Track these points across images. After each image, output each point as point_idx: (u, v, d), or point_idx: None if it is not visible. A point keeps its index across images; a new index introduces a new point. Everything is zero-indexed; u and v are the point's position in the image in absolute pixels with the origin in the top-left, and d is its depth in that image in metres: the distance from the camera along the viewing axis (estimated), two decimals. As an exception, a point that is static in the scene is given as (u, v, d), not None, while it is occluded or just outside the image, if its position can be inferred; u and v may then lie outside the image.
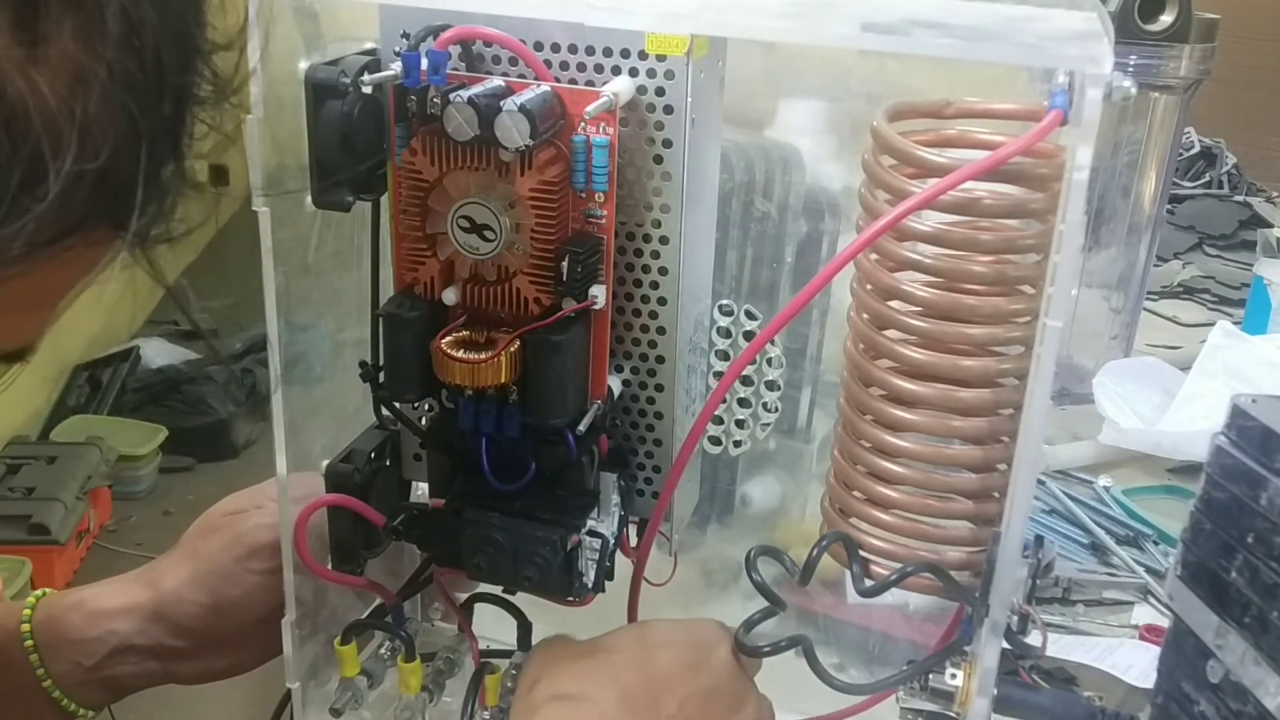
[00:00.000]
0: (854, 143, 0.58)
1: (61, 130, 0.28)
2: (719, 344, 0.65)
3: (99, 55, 0.29)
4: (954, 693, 0.53)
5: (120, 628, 0.61)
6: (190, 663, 0.62)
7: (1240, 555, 0.58)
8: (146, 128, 0.31)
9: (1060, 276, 0.43)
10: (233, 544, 0.61)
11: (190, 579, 0.61)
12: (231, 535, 0.62)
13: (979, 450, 0.53)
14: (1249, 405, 0.60)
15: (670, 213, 0.51)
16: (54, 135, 0.28)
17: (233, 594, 0.61)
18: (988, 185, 0.49)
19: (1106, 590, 0.96)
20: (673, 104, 0.48)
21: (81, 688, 0.61)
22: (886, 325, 0.54)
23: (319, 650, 0.62)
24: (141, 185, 0.31)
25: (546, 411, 0.50)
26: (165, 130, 0.32)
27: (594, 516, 0.54)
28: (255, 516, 0.62)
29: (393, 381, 0.53)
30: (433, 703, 0.61)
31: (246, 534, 0.62)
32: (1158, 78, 1.20)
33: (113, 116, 0.30)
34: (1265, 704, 0.56)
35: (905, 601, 0.70)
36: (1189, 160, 2.03)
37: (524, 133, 0.45)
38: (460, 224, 0.48)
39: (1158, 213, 1.29)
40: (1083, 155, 0.41)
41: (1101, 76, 0.40)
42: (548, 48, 0.49)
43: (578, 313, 0.49)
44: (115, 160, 0.30)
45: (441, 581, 0.61)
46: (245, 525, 0.62)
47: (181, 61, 0.32)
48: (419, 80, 0.47)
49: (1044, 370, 0.44)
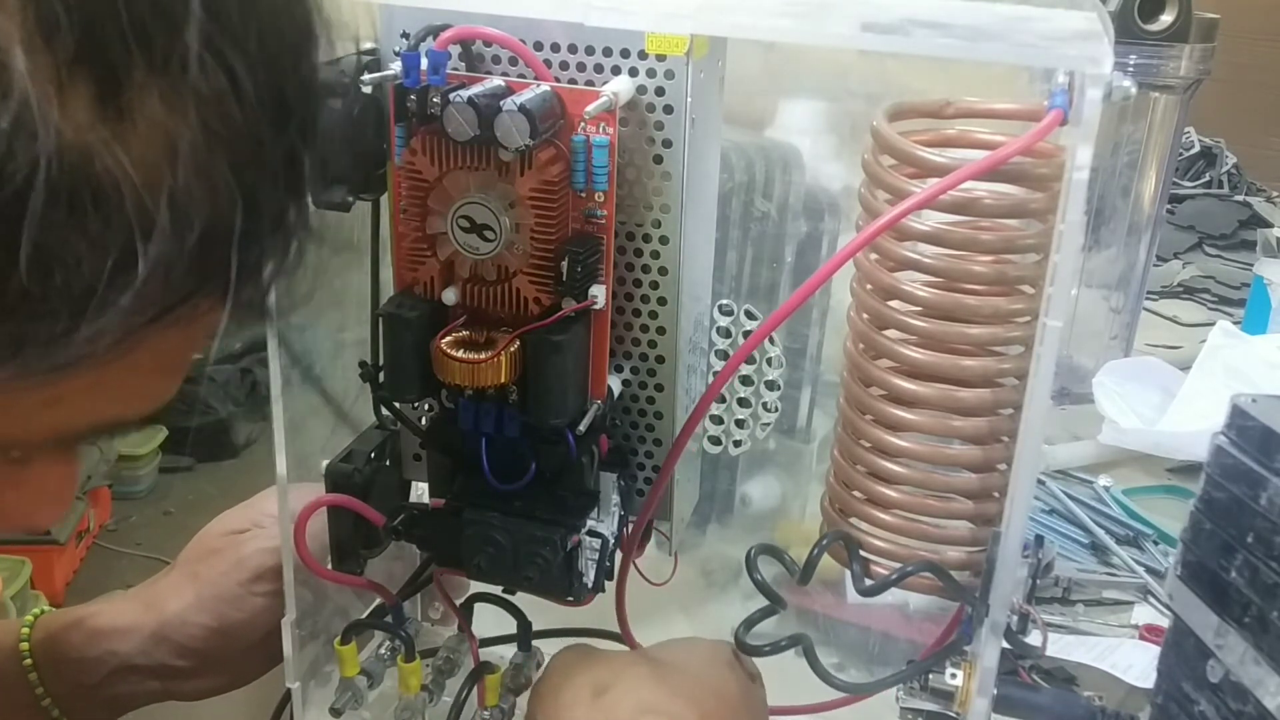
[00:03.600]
0: (854, 143, 0.58)
1: (151, 206, 0.27)
2: (719, 344, 0.65)
3: (190, 118, 0.27)
4: (954, 692, 0.53)
5: (121, 648, 0.61)
6: (192, 682, 0.62)
7: (1240, 555, 0.58)
8: (251, 183, 0.29)
9: (1060, 276, 0.43)
10: (236, 567, 0.62)
11: (194, 603, 0.61)
12: (234, 559, 0.62)
13: (979, 450, 0.53)
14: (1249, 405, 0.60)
15: (670, 213, 0.50)
16: (143, 214, 0.27)
17: (237, 617, 0.61)
18: (988, 185, 0.50)
19: (1106, 590, 0.96)
20: (673, 104, 0.48)
21: (81, 707, 0.61)
22: (886, 325, 0.54)
23: (319, 650, 0.62)
24: (248, 247, 0.30)
25: (546, 411, 0.50)
26: (276, 179, 0.31)
27: (594, 516, 0.54)
28: (257, 539, 0.62)
29: (393, 381, 0.53)
30: (433, 703, 0.61)
31: (250, 558, 0.62)
32: (1158, 78, 1.20)
33: (210, 181, 0.28)
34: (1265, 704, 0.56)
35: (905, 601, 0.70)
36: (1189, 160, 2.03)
37: (524, 133, 0.45)
38: (460, 224, 0.48)
39: (1158, 213, 1.28)
40: (1083, 155, 0.41)
41: (1101, 76, 0.40)
42: (548, 48, 0.49)
43: (578, 313, 0.49)
44: (215, 228, 0.29)
45: (441, 581, 0.61)
46: (247, 549, 0.62)
47: (291, 98, 0.31)
48: (419, 80, 0.47)
49: (1044, 370, 0.44)
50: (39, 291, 0.26)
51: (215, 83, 0.28)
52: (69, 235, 0.26)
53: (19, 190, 0.25)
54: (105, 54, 0.26)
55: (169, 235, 0.27)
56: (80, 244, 0.26)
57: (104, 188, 0.26)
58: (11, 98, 0.24)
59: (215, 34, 0.27)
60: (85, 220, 0.26)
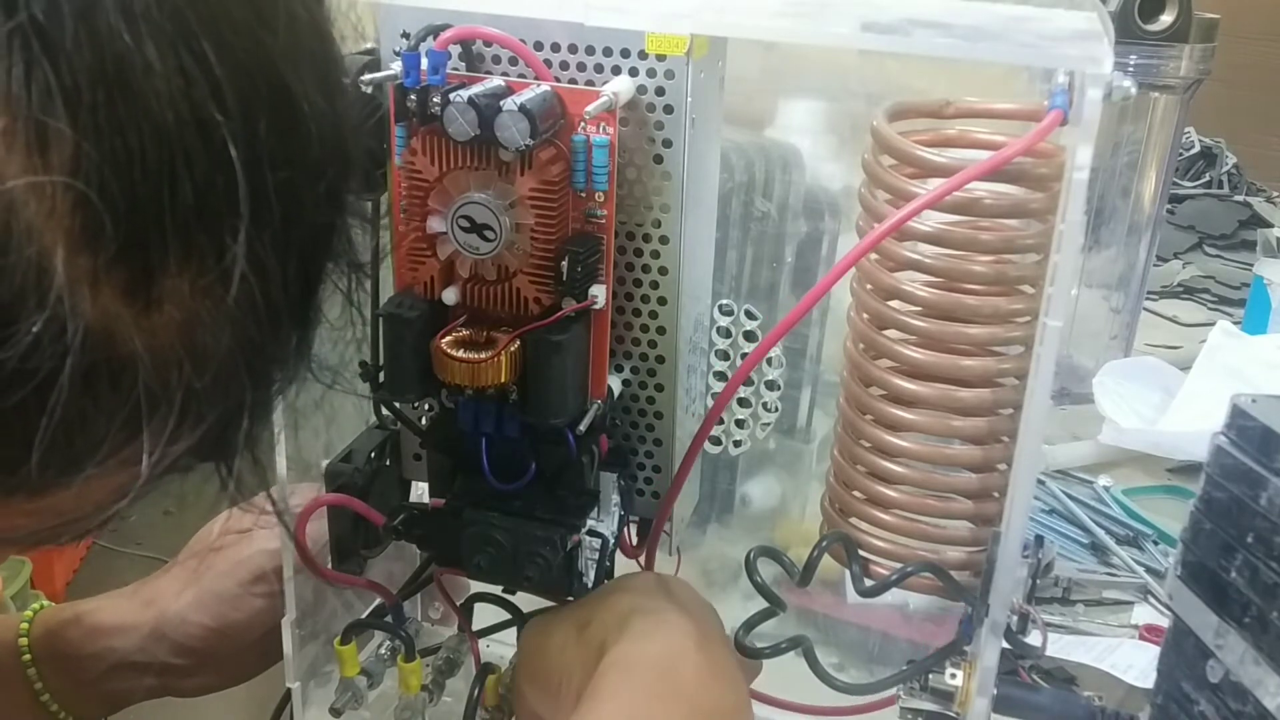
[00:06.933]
0: (854, 143, 0.58)
1: (166, 384, 0.27)
2: (719, 344, 0.65)
3: (220, 309, 0.28)
4: (954, 693, 0.53)
5: (119, 645, 0.61)
6: (190, 679, 0.62)
7: (1240, 555, 0.58)
8: (268, 360, 0.30)
9: (1060, 276, 0.43)
10: (237, 568, 0.62)
11: (194, 601, 0.61)
12: (235, 559, 0.62)
13: (979, 450, 0.53)
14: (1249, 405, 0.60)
15: (670, 212, 0.51)
16: (156, 391, 0.27)
17: (237, 617, 0.61)
18: (988, 185, 0.49)
19: (1106, 590, 0.96)
20: (673, 104, 0.48)
21: (79, 702, 0.61)
22: (886, 325, 0.54)
23: (319, 650, 0.62)
24: (256, 413, 0.31)
25: (546, 411, 0.50)
26: (291, 346, 0.32)
27: (594, 516, 0.54)
28: (258, 540, 0.62)
29: (393, 381, 0.53)
30: (433, 703, 0.61)
31: (250, 559, 0.62)
32: (1158, 78, 1.20)
33: (228, 362, 0.29)
34: (1265, 704, 0.56)
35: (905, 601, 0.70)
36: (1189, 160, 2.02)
37: (524, 132, 0.45)
38: (460, 224, 0.48)
39: (1158, 213, 1.28)
40: (1083, 155, 0.41)
41: (1101, 76, 0.40)
42: (548, 47, 0.49)
43: (578, 312, 0.49)
44: (226, 410, 0.29)
45: (441, 581, 0.61)
46: (248, 550, 0.62)
47: (317, 277, 0.31)
48: (419, 80, 0.47)
49: (1044, 370, 0.44)
50: (47, 451, 0.26)
51: (248, 280, 0.28)
52: (83, 407, 0.26)
53: (44, 381, 0.25)
54: (145, 253, 0.26)
55: (179, 411, 0.28)
56: (92, 413, 0.27)
57: (122, 366, 0.27)
58: (47, 305, 0.25)
59: (256, 238, 0.28)
60: (99, 396, 0.27)
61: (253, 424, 0.31)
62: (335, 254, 0.32)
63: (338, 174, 0.31)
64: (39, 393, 0.25)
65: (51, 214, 0.25)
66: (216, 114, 0.26)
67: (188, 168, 0.26)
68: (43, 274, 0.25)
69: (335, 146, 0.31)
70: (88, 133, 0.25)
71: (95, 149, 0.25)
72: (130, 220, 0.26)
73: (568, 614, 0.53)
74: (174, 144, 0.26)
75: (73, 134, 0.24)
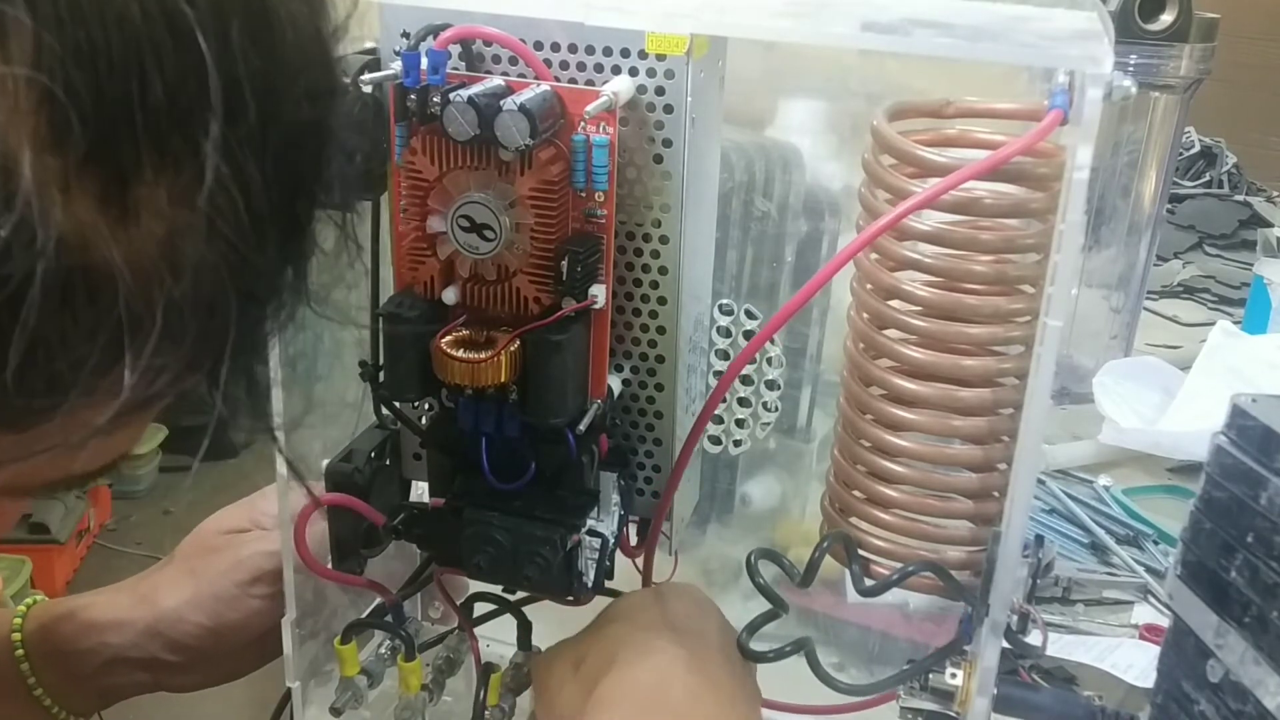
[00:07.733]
0: (854, 142, 0.58)
1: (148, 301, 0.26)
2: (719, 343, 0.65)
3: (198, 218, 0.27)
4: (954, 692, 0.53)
5: (113, 640, 0.61)
6: (183, 676, 0.62)
7: (1240, 555, 0.58)
8: (253, 277, 0.29)
9: (1060, 276, 0.43)
10: (235, 568, 0.62)
11: (191, 600, 0.61)
12: (233, 559, 0.62)
13: (979, 450, 0.53)
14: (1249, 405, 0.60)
15: (670, 212, 0.51)
16: (138, 308, 0.26)
17: (233, 617, 0.61)
18: (988, 185, 0.50)
19: (1106, 590, 0.96)
20: (673, 104, 0.48)
21: (73, 696, 0.61)
22: (886, 325, 0.54)
23: (319, 649, 0.62)
24: (243, 337, 0.29)
25: (546, 411, 0.50)
26: (278, 269, 0.30)
27: (594, 516, 0.54)
28: (257, 541, 0.62)
29: (393, 381, 0.53)
30: (433, 702, 0.61)
31: (249, 559, 0.62)
32: (1158, 77, 1.20)
33: (211, 277, 0.27)
34: (1265, 704, 0.56)
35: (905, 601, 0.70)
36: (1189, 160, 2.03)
37: (524, 132, 0.45)
38: (460, 223, 0.48)
39: (1158, 212, 1.28)
40: (1083, 155, 0.41)
41: (1101, 76, 0.40)
42: (548, 47, 0.49)
43: (578, 312, 0.49)
44: (210, 324, 0.28)
45: (441, 581, 0.61)
46: (247, 550, 0.62)
47: (303, 204, 0.30)
48: (419, 80, 0.47)
49: (1044, 370, 0.44)
50: (27, 373, 0.25)
51: (227, 186, 0.27)
52: (61, 324, 0.25)
53: (16, 291, 0.24)
54: (117, 156, 0.25)
55: (162, 328, 0.27)
56: (72, 332, 0.26)
57: (100, 281, 0.26)
58: (15, 208, 0.24)
59: (232, 139, 0.27)
60: (78, 311, 0.25)
61: (245, 351, 0.30)
62: (323, 169, 0.31)
63: (317, 73, 0.30)
64: (11, 305, 0.24)
65: (15, 110, 0.24)
66: (184, 4, 0.25)
67: (156, 61, 0.25)
68: (8, 175, 0.23)
69: (313, 42, 0.30)
70: (48, 22, 0.23)
71: (57, 40, 0.24)
72: (99, 118, 0.24)
73: (567, 650, 0.54)
74: (140, 36, 0.25)
75: (31, 23, 0.23)
